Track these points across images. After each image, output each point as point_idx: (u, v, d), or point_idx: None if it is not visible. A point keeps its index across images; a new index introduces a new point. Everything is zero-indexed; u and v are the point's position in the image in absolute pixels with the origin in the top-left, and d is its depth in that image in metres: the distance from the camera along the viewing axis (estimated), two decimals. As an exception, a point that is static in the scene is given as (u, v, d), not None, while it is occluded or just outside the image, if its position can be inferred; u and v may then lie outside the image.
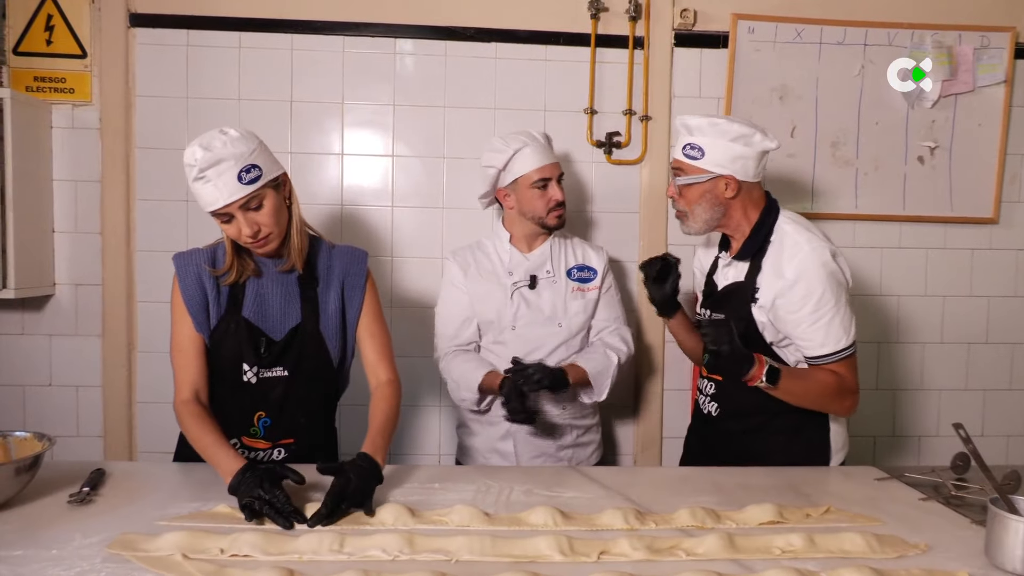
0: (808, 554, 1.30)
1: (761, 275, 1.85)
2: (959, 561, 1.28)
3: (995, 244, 2.79)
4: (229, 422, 1.71)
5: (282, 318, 1.75)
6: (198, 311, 1.70)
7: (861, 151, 2.69)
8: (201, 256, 1.74)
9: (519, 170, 2.14)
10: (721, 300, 1.96)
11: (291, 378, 1.74)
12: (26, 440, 1.58)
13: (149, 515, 1.42)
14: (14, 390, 2.60)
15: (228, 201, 1.59)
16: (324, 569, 1.21)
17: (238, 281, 1.73)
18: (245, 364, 1.71)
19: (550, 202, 2.14)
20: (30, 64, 2.53)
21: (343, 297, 1.79)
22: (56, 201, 2.57)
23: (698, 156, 1.85)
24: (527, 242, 2.23)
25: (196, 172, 1.58)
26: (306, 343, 1.75)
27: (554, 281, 2.20)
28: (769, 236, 1.87)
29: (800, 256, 1.80)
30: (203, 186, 1.59)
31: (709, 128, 1.84)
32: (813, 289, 1.77)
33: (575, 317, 2.19)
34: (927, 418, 2.83)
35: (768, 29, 2.63)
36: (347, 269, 1.81)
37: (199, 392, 1.69)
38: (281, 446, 1.77)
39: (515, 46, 2.62)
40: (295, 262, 1.74)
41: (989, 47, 2.69)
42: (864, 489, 1.68)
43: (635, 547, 1.29)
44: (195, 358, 1.70)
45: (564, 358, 2.15)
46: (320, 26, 2.57)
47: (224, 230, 1.67)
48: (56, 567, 1.19)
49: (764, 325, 1.85)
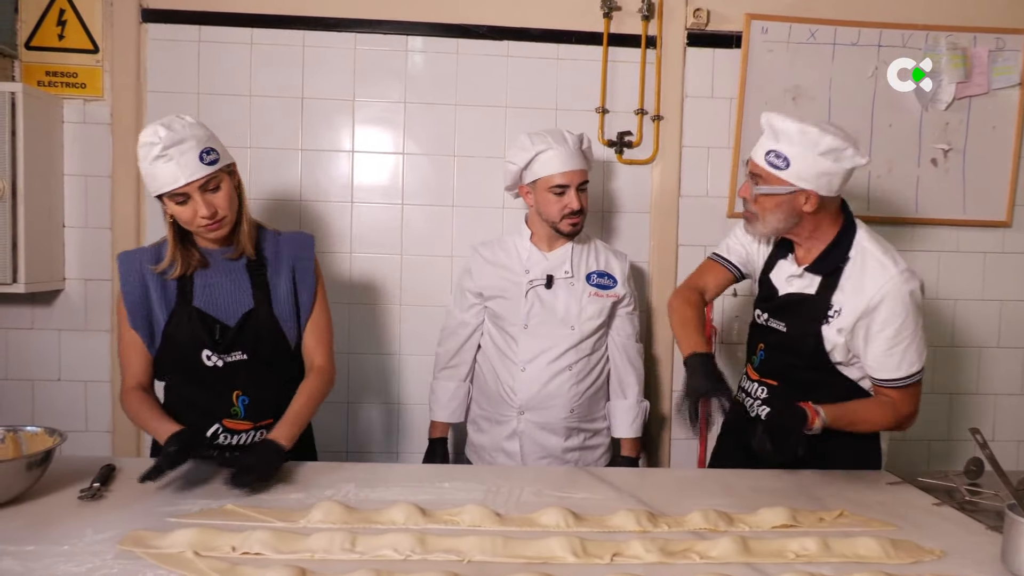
0: (823, 558, 1.29)
1: (839, 293, 1.77)
2: (975, 567, 1.27)
3: (1008, 248, 2.77)
4: (207, 406, 1.76)
5: (234, 304, 1.77)
6: (136, 309, 1.74)
7: (874, 153, 2.67)
8: (145, 255, 1.78)
9: (539, 172, 2.12)
10: (784, 309, 1.87)
11: (252, 361, 1.77)
12: (37, 435, 1.59)
13: (160, 511, 1.42)
14: (23, 384, 2.60)
15: (190, 179, 1.63)
16: (336, 568, 1.21)
17: (185, 274, 1.75)
18: (206, 351, 1.73)
19: (564, 209, 2.11)
20: (42, 59, 2.53)
21: (294, 280, 1.82)
22: (66, 196, 2.57)
23: (782, 166, 1.72)
24: (547, 242, 2.21)
25: (159, 150, 1.60)
26: (261, 326, 1.77)
27: (572, 283, 2.18)
28: (847, 252, 1.78)
29: (886, 278, 1.72)
30: (164, 164, 1.61)
31: (799, 136, 1.70)
32: (896, 314, 1.70)
33: (589, 321, 2.17)
34: (937, 422, 2.81)
35: (782, 29, 2.62)
36: (296, 254, 1.84)
37: (142, 383, 1.77)
38: (263, 427, 1.78)
39: (527, 44, 2.61)
40: (246, 248, 1.77)
41: (1004, 49, 2.67)
42: (877, 493, 1.67)
43: (648, 549, 1.28)
44: (136, 355, 1.77)
45: (574, 361, 2.15)
46: (332, 23, 2.57)
47: (176, 213, 1.68)
48: (68, 563, 1.19)
49: (835, 345, 1.77)
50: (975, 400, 2.82)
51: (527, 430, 2.17)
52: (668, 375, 2.71)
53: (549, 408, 2.15)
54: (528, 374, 2.14)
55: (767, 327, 1.91)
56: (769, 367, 1.92)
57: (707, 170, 2.69)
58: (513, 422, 2.18)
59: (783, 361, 1.88)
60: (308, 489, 1.56)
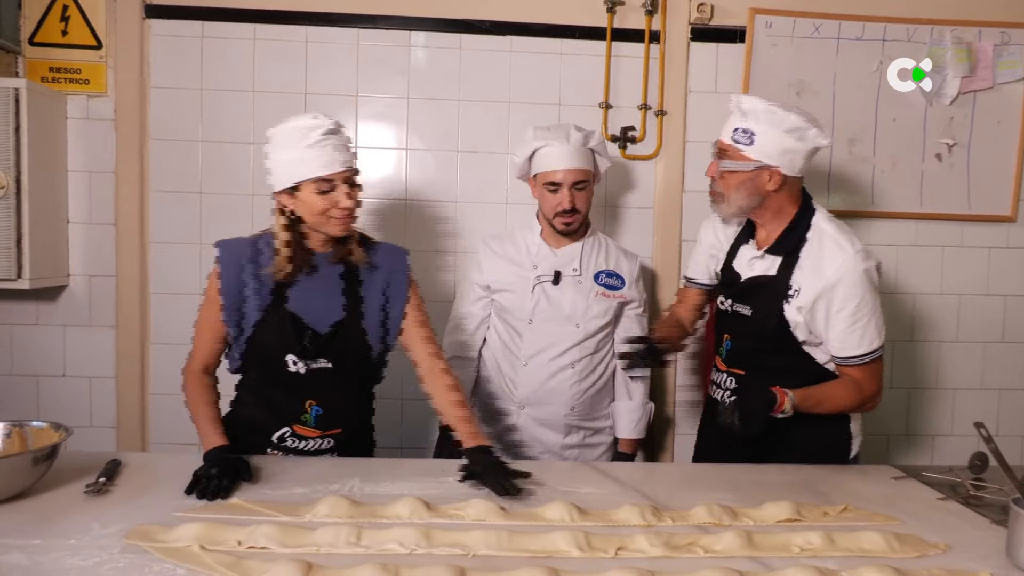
0: (827, 552, 1.29)
1: (798, 272, 1.81)
2: (980, 561, 1.27)
3: (1012, 242, 2.76)
4: (281, 411, 1.76)
5: (325, 312, 1.75)
6: (231, 302, 1.72)
7: (878, 148, 2.67)
8: (244, 247, 1.76)
9: (538, 167, 2.13)
10: (747, 292, 1.91)
11: (335, 370, 1.76)
12: (43, 430, 1.59)
13: (165, 506, 1.42)
14: (28, 380, 2.61)
15: (345, 166, 1.67)
16: (341, 562, 1.21)
17: (288, 278, 1.73)
18: (292, 355, 1.73)
19: (557, 207, 2.10)
20: (46, 55, 2.53)
21: (386, 295, 1.80)
22: (71, 192, 2.58)
23: (747, 142, 1.78)
24: (556, 237, 2.20)
25: (321, 134, 1.64)
26: (349, 337, 1.76)
27: (579, 281, 2.17)
28: (806, 233, 1.83)
29: (843, 259, 1.76)
30: (324, 148, 1.64)
31: (764, 114, 1.77)
32: (855, 293, 1.75)
33: (594, 320, 2.16)
34: (942, 417, 2.81)
35: (786, 24, 2.61)
36: (391, 267, 1.82)
37: (209, 366, 1.77)
38: (330, 436, 1.79)
39: (530, 39, 2.61)
40: (352, 251, 1.77)
41: (1009, 43, 2.66)
42: (881, 488, 1.67)
43: (653, 543, 1.29)
44: (212, 339, 1.76)
45: (578, 359, 2.14)
46: (335, 18, 2.56)
47: (310, 202, 1.67)
48: (74, 557, 1.20)
49: (797, 324, 1.82)
50: (980, 395, 2.82)
51: (526, 425, 2.17)
52: (672, 374, 2.72)
53: (549, 404, 2.15)
54: (530, 369, 2.14)
55: (732, 313, 1.94)
56: (736, 357, 1.95)
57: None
58: (513, 416, 2.18)
59: (749, 348, 1.91)
60: (313, 484, 1.56)
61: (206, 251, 2.60)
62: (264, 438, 1.77)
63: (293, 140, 1.65)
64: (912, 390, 2.79)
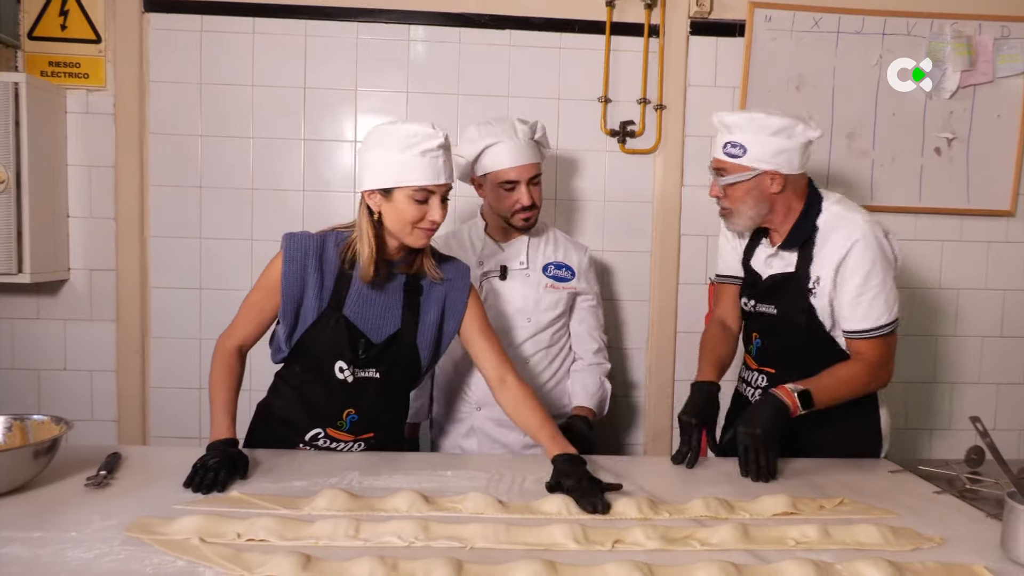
0: (823, 545, 1.30)
1: (815, 263, 1.81)
2: (975, 554, 1.28)
3: (1012, 237, 2.76)
4: (318, 413, 1.75)
5: (381, 322, 1.73)
6: (290, 298, 1.69)
7: (877, 142, 2.67)
8: (311, 242, 1.71)
9: (488, 166, 2.06)
10: (769, 291, 1.90)
11: (382, 380, 1.75)
12: (43, 424, 1.60)
13: (166, 499, 1.43)
14: (29, 374, 2.62)
15: (448, 180, 1.67)
16: (340, 554, 1.22)
17: (374, 279, 1.69)
18: (342, 362, 1.71)
19: (515, 205, 2.04)
20: (45, 49, 2.53)
21: (444, 308, 1.78)
22: (70, 186, 2.58)
23: (740, 154, 1.80)
24: (502, 232, 2.15)
25: (437, 144, 1.62)
26: (402, 350, 1.75)
27: (527, 275, 2.13)
28: (816, 222, 1.83)
29: (853, 228, 1.77)
30: (434, 159, 1.62)
31: (748, 124, 1.79)
32: (864, 260, 1.76)
33: (545, 313, 2.13)
34: (939, 411, 2.82)
35: (785, 18, 2.61)
36: (453, 282, 1.78)
37: (243, 347, 1.76)
38: (362, 440, 1.79)
39: (529, 33, 2.61)
40: (425, 264, 1.74)
41: (1009, 37, 2.65)
42: (877, 481, 1.68)
43: (649, 536, 1.29)
44: (256, 324, 1.75)
45: (532, 353, 2.11)
46: (334, 12, 2.56)
47: (403, 209, 1.63)
48: (75, 549, 1.20)
49: (823, 313, 1.82)
50: (977, 389, 2.82)
51: (484, 426, 2.11)
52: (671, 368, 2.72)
53: None
54: None
55: (757, 313, 1.94)
56: (766, 355, 1.95)
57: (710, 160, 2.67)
58: (470, 419, 2.13)
59: (778, 346, 1.91)
60: (312, 477, 1.57)
61: (206, 245, 2.61)
62: (296, 434, 1.77)
63: (404, 144, 1.61)
64: (909, 384, 2.80)
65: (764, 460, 1.66)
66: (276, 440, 1.78)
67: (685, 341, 2.72)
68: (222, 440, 1.60)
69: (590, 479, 1.50)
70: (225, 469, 1.51)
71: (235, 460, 1.56)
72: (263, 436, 1.82)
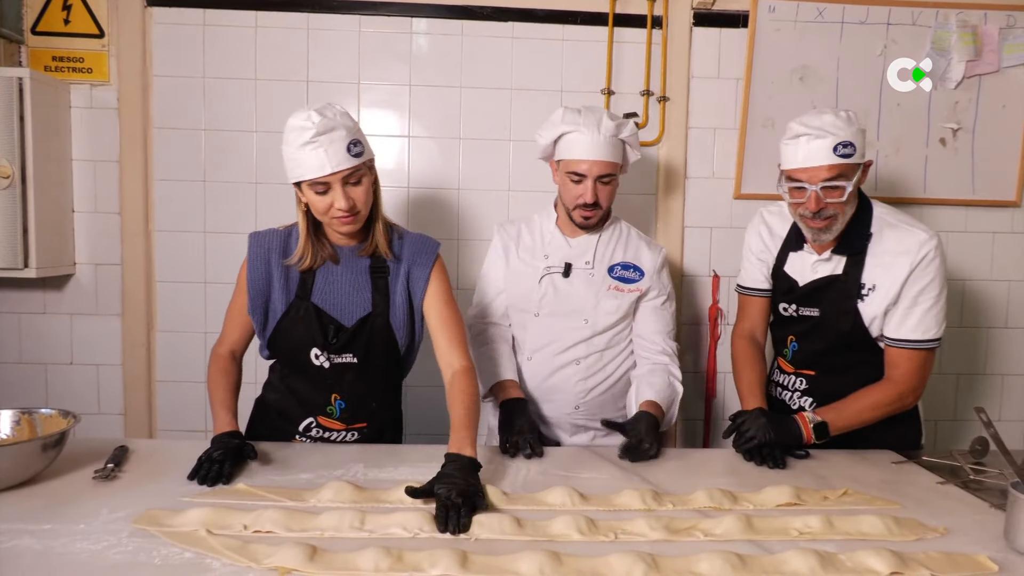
0: (826, 536, 1.30)
1: (870, 269, 1.80)
2: (978, 545, 1.28)
3: (1017, 227, 2.76)
4: (306, 401, 1.79)
5: (351, 305, 1.75)
6: (256, 294, 1.73)
7: (882, 133, 2.66)
8: (274, 239, 1.76)
9: (562, 153, 1.98)
10: (812, 295, 1.87)
11: (360, 365, 1.76)
12: (51, 417, 1.61)
13: (173, 491, 1.44)
14: (36, 368, 2.63)
15: (336, 169, 1.60)
16: (346, 545, 1.23)
17: (312, 268, 1.74)
18: (316, 348, 1.73)
19: (578, 199, 1.95)
20: (48, 44, 2.53)
21: (408, 286, 1.78)
22: (75, 181, 2.59)
23: (851, 152, 1.74)
24: (572, 227, 2.05)
25: (309, 136, 1.58)
26: (375, 332, 1.75)
27: (591, 274, 2.02)
28: (868, 228, 1.81)
29: (916, 241, 1.77)
30: (313, 151, 1.59)
31: (843, 122, 1.75)
32: (926, 273, 1.76)
33: (605, 316, 2.00)
34: (944, 402, 2.82)
35: (789, 8, 2.59)
36: (413, 258, 1.78)
37: (235, 351, 1.82)
38: (355, 429, 1.81)
39: (532, 25, 2.60)
40: (379, 245, 1.75)
41: (1015, 27, 2.63)
42: (881, 472, 1.68)
43: (653, 527, 1.30)
44: (239, 326, 1.80)
45: (584, 355, 2.01)
46: (336, 5, 2.56)
47: (312, 202, 1.65)
48: (84, 541, 1.22)
49: (872, 320, 1.80)
50: (982, 380, 2.82)
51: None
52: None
53: (552, 402, 2.04)
54: (534, 363, 2.04)
55: (797, 317, 1.92)
56: (803, 357, 1.94)
57: (713, 151, 2.68)
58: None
59: (817, 348, 1.90)
60: (317, 469, 1.58)
61: (210, 239, 2.62)
62: (291, 426, 1.80)
63: (290, 138, 1.62)
64: (915, 375, 2.80)
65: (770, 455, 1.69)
66: (273, 433, 1.81)
67: (689, 334, 2.73)
68: (225, 433, 1.62)
69: (467, 492, 1.35)
70: (229, 461, 1.52)
71: (239, 451, 1.57)
72: (262, 430, 1.84)
